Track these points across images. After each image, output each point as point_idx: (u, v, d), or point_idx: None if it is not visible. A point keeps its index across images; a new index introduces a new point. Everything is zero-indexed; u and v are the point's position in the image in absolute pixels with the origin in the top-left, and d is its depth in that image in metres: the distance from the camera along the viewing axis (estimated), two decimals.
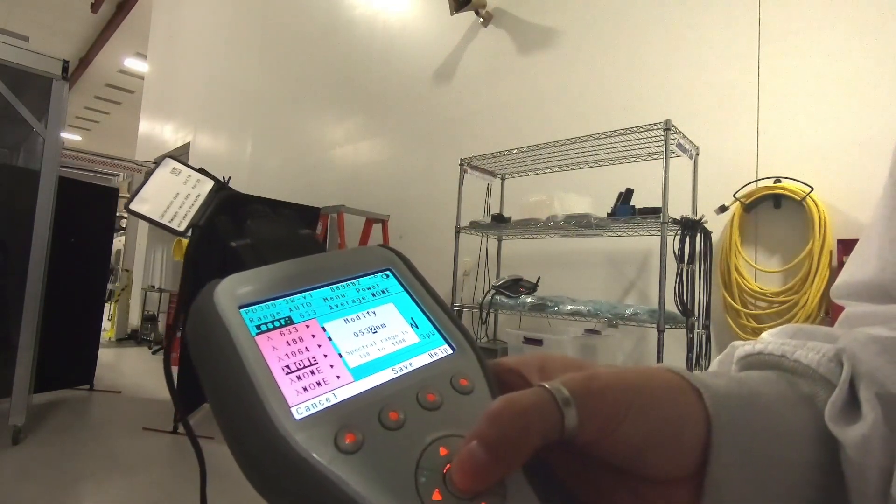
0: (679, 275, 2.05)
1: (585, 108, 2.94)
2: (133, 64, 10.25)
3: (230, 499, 2.15)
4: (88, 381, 3.84)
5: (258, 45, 6.05)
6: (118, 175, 6.26)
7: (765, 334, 0.26)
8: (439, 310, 0.23)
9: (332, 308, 0.21)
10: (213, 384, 0.18)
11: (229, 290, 0.19)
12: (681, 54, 2.58)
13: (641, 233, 2.43)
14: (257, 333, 0.18)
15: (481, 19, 3.55)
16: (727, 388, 0.20)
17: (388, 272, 0.24)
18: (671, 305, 2.03)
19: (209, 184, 0.30)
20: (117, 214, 4.80)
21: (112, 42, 9.78)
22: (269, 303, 0.20)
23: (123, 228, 6.51)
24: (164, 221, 0.28)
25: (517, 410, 0.16)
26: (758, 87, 2.30)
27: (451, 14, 3.49)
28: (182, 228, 0.28)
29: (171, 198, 0.28)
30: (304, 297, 0.21)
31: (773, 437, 0.20)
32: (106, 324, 5.93)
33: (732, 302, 2.22)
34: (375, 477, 0.16)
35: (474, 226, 2.78)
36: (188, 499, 2.23)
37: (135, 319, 6.71)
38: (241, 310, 0.19)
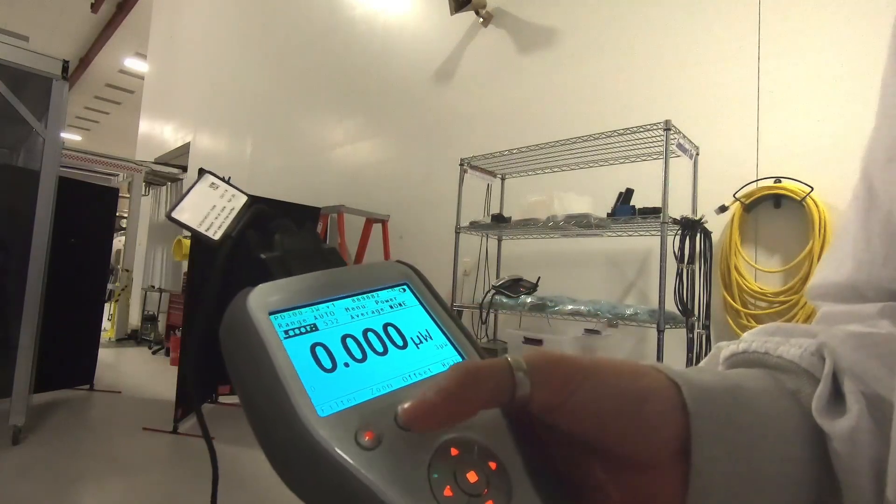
0: (679, 275, 2.05)
1: (586, 108, 2.94)
2: (133, 64, 10.25)
3: (232, 498, 2.15)
4: (88, 381, 3.84)
5: (258, 45, 6.05)
6: (118, 175, 6.26)
7: (746, 334, 0.26)
8: (451, 322, 0.24)
9: (352, 318, 0.23)
10: (244, 383, 0.19)
11: (261, 298, 0.21)
12: (681, 54, 2.58)
13: (641, 233, 2.43)
14: (285, 338, 0.20)
15: (481, 19, 3.55)
16: (708, 381, 0.21)
17: (404, 286, 0.25)
18: (671, 305, 2.03)
19: (243, 199, 0.33)
20: (117, 214, 4.80)
21: (112, 42, 9.78)
22: (296, 310, 0.21)
23: (123, 228, 6.51)
24: (202, 230, 0.30)
25: (474, 368, 0.19)
26: (758, 87, 2.30)
27: (451, 14, 3.49)
28: (217, 238, 0.30)
29: (209, 209, 0.31)
30: (328, 307, 0.22)
31: (759, 431, 0.20)
32: (106, 324, 5.93)
33: (732, 302, 2.22)
34: (393, 471, 0.17)
35: (474, 226, 2.78)
36: (188, 499, 2.23)
37: (135, 319, 6.71)
38: (272, 316, 0.21)
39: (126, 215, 6.40)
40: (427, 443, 0.18)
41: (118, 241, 6.54)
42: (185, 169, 7.04)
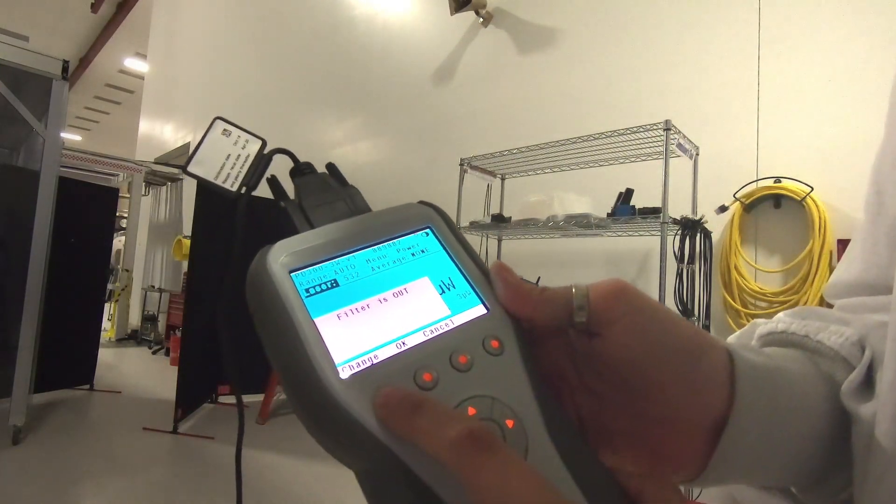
0: (679, 275, 2.05)
1: (585, 108, 2.94)
2: (133, 64, 10.25)
3: (231, 498, 2.15)
4: (88, 381, 3.84)
5: (258, 45, 6.05)
6: (118, 175, 6.26)
7: (781, 314, 0.28)
8: (476, 269, 0.23)
9: (373, 269, 0.22)
10: (270, 344, 0.20)
11: (281, 256, 0.21)
12: (681, 54, 2.58)
13: (641, 233, 2.43)
14: (307, 296, 0.20)
15: (481, 19, 3.55)
16: (756, 360, 0.22)
17: (427, 230, 0.24)
18: (671, 305, 2.03)
19: (257, 143, 0.31)
20: (117, 214, 4.80)
21: (112, 42, 9.78)
22: (316, 266, 0.21)
23: (123, 228, 6.50)
24: (219, 182, 0.29)
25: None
26: (758, 87, 2.30)
27: (451, 14, 3.49)
28: (235, 189, 0.29)
29: (224, 159, 0.30)
30: (349, 260, 0.22)
31: (792, 411, 0.22)
32: (106, 324, 5.93)
33: (732, 302, 2.22)
34: None
35: (474, 226, 2.78)
36: (188, 499, 2.23)
37: (135, 319, 6.71)
38: (292, 274, 0.20)
39: (126, 215, 6.40)
40: (446, 402, 0.18)
41: (118, 241, 6.54)
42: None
